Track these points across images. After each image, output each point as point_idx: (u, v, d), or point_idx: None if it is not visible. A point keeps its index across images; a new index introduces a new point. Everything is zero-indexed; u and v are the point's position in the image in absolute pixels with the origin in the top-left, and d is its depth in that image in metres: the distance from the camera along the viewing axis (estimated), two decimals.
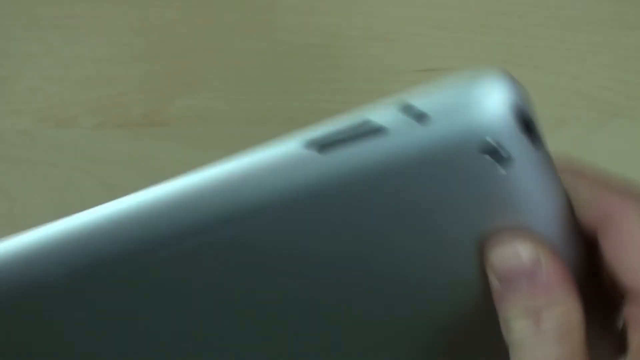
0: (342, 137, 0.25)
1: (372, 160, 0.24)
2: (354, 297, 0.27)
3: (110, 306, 0.27)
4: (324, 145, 0.25)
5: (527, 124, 0.24)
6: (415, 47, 0.55)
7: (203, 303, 0.27)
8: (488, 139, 0.23)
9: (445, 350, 0.29)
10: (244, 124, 0.54)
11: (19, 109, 0.54)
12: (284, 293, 0.27)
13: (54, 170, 0.54)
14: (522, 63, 0.55)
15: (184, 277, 0.27)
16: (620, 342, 0.27)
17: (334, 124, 0.25)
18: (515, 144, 0.24)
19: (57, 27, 0.54)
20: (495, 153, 0.23)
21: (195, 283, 0.27)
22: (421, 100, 0.24)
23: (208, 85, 0.55)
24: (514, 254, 0.26)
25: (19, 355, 0.28)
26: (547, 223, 0.26)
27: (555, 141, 0.54)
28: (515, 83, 0.24)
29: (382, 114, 0.24)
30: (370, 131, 0.24)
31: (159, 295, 0.27)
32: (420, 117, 0.24)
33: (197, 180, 0.26)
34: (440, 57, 0.55)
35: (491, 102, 0.23)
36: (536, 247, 0.26)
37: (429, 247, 0.26)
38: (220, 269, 0.26)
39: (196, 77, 0.55)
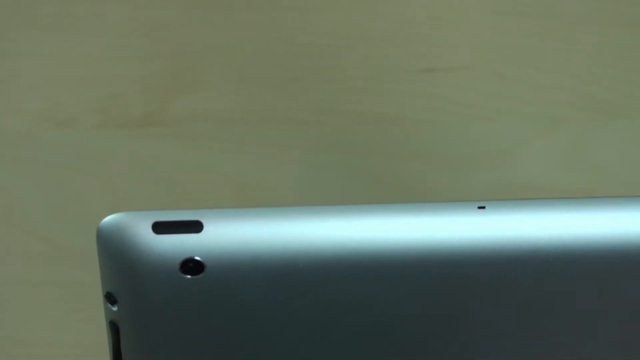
0: None
1: None
2: None
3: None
4: None
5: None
6: (415, 47, 0.55)
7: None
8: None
9: None
10: (244, 124, 0.54)
11: (19, 109, 0.54)
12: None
13: (54, 170, 0.54)
14: (522, 63, 0.55)
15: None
16: None
17: None
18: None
19: (57, 27, 0.54)
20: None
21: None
22: None
23: (208, 85, 0.55)
24: None
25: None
26: None
27: (555, 141, 0.54)
28: None
29: None
30: None
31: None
32: None
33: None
34: (440, 57, 0.55)
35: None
36: None
37: None
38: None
39: (196, 77, 0.55)
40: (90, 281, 0.54)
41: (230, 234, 0.28)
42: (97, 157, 0.54)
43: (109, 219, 0.28)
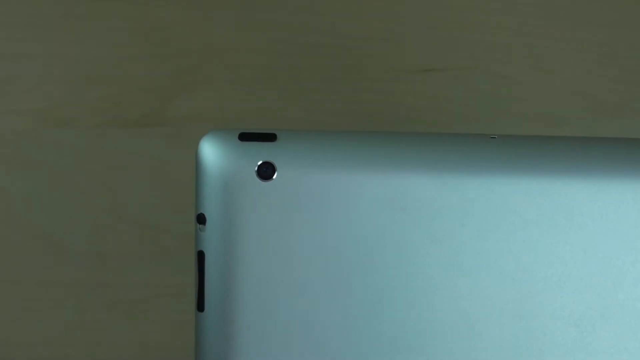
0: None
1: None
2: None
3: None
4: None
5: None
6: (415, 47, 0.55)
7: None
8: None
9: None
10: (243, 124, 0.54)
11: (19, 109, 0.54)
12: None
13: (54, 170, 0.54)
14: (522, 63, 0.55)
15: None
16: None
17: None
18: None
19: (57, 27, 0.55)
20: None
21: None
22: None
23: (208, 85, 0.55)
24: None
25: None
26: None
27: None
28: None
29: None
30: None
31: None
32: None
33: None
34: (440, 57, 0.55)
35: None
36: None
37: None
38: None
39: (196, 77, 0.55)
40: (90, 281, 0.54)
41: (299, 145, 0.35)
42: (97, 157, 0.54)
43: (206, 135, 0.36)
